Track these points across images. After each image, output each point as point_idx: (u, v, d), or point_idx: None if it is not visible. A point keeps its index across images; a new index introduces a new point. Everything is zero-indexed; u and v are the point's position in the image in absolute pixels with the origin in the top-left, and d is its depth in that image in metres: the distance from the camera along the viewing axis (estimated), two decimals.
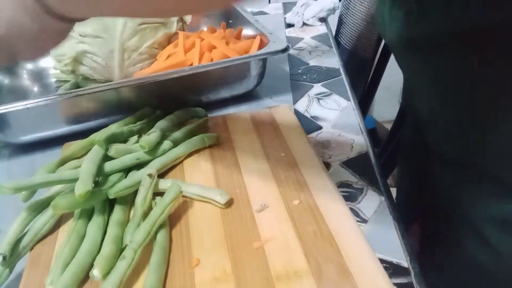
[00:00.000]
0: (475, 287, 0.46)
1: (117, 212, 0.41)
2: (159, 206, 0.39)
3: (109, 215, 0.41)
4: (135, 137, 0.50)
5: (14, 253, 0.38)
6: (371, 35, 1.09)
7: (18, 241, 0.39)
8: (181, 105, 0.58)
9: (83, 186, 0.39)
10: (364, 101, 1.19)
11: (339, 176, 0.48)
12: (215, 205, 0.41)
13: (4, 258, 0.37)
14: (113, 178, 0.44)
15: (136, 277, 0.34)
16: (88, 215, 0.41)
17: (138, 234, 0.36)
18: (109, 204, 0.42)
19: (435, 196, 0.51)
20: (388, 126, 1.47)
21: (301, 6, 0.95)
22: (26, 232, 0.40)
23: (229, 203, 0.41)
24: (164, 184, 0.43)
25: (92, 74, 0.64)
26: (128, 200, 0.43)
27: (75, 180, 0.42)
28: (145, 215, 0.40)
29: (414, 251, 0.40)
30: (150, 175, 0.42)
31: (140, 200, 0.40)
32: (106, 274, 0.34)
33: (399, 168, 0.69)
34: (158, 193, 0.43)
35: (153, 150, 0.47)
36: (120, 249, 0.37)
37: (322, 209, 0.40)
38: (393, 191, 0.49)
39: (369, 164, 0.50)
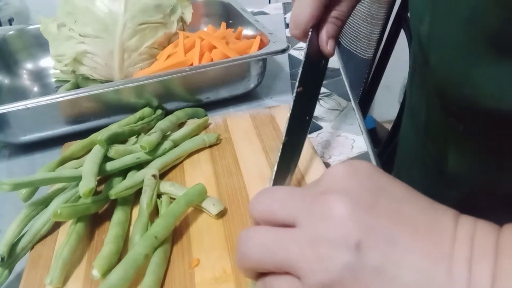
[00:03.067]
0: None
1: (118, 213, 0.41)
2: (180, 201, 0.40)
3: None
4: (134, 138, 0.51)
5: (13, 254, 0.38)
6: (371, 35, 1.09)
7: (17, 241, 0.39)
8: (181, 105, 0.58)
9: (86, 184, 0.39)
10: (364, 101, 1.19)
11: None
12: (207, 214, 0.41)
13: (2, 259, 0.37)
14: (114, 183, 0.44)
15: (136, 277, 0.34)
16: (87, 215, 0.41)
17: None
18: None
19: None
20: (388, 126, 1.47)
21: None
22: (25, 233, 0.40)
23: (221, 214, 0.41)
24: (163, 186, 0.43)
25: (92, 74, 0.64)
26: (129, 200, 0.43)
27: (74, 178, 0.42)
28: (151, 215, 0.40)
29: None
30: (154, 176, 0.42)
31: (146, 201, 0.40)
32: (105, 274, 0.34)
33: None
34: (158, 195, 0.43)
35: (154, 150, 0.47)
36: (120, 249, 0.37)
37: None
38: None
39: None
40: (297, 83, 0.40)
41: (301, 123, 0.42)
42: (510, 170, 0.39)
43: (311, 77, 0.42)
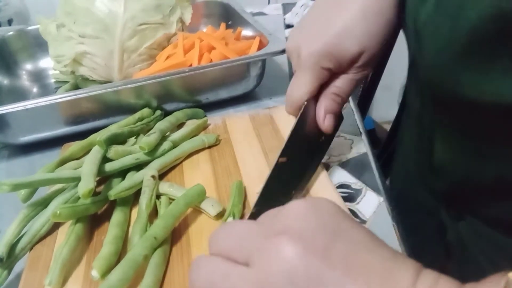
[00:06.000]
0: None
1: (117, 213, 0.41)
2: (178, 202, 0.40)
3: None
4: (133, 139, 0.51)
5: (12, 255, 0.38)
6: None
7: (16, 242, 0.39)
8: (180, 106, 0.58)
9: (85, 185, 0.39)
10: (363, 102, 1.19)
11: (338, 177, 0.48)
12: (206, 215, 0.41)
13: (1, 260, 0.37)
14: (113, 184, 0.44)
15: (135, 277, 0.34)
16: (87, 216, 0.41)
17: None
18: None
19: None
20: (387, 127, 1.47)
21: (301, 6, 0.95)
22: (25, 233, 0.40)
23: (220, 215, 0.40)
24: (162, 187, 0.43)
25: (92, 74, 0.64)
26: (128, 201, 0.43)
27: (74, 179, 0.42)
28: (150, 216, 0.40)
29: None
30: (153, 177, 0.42)
31: (145, 201, 0.40)
32: (104, 274, 0.34)
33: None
34: (157, 195, 0.43)
35: (153, 151, 0.47)
36: (119, 249, 0.37)
37: None
38: None
39: (368, 165, 0.50)
40: (279, 153, 0.37)
41: (281, 196, 0.38)
42: (490, 161, 0.39)
43: (302, 151, 0.39)
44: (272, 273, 0.22)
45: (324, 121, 0.39)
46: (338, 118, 0.40)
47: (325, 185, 0.43)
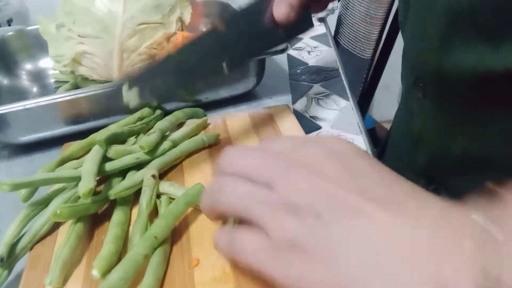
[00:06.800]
0: None
1: (117, 213, 0.41)
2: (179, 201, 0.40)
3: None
4: (133, 138, 0.50)
5: (12, 254, 0.38)
6: (370, 35, 1.09)
7: (16, 242, 0.39)
8: (180, 106, 0.58)
9: (85, 184, 0.39)
10: (363, 101, 1.19)
11: None
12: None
13: (1, 259, 0.37)
14: (113, 184, 0.44)
15: (136, 277, 0.34)
16: (87, 216, 0.41)
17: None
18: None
19: None
20: (387, 126, 1.47)
21: None
22: (25, 233, 0.40)
23: None
24: (162, 186, 0.43)
25: (91, 74, 0.64)
26: (128, 200, 0.43)
27: (74, 178, 0.42)
28: (151, 215, 0.40)
29: None
30: (153, 176, 0.42)
31: (146, 201, 0.40)
32: (105, 274, 0.34)
33: None
34: (157, 195, 0.43)
35: (153, 151, 0.47)
36: (120, 249, 0.37)
37: None
38: None
39: None
40: (220, 19, 0.36)
41: (210, 67, 0.38)
42: (458, 136, 0.40)
43: (247, 30, 0.38)
44: (294, 198, 0.24)
45: (279, 8, 0.38)
46: (301, 18, 0.39)
47: None
